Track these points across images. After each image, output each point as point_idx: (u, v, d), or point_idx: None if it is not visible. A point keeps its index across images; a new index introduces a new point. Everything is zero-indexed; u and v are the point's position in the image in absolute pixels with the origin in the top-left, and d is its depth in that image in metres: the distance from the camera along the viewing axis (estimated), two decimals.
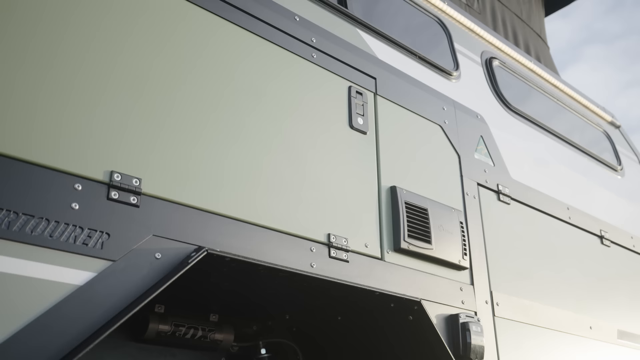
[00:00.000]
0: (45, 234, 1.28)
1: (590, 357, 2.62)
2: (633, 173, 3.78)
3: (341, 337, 2.22)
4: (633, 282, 3.15)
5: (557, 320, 2.53)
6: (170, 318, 1.98)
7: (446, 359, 1.98)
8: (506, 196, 2.58)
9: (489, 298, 2.26)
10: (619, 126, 4.00)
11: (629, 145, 3.96)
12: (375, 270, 1.92)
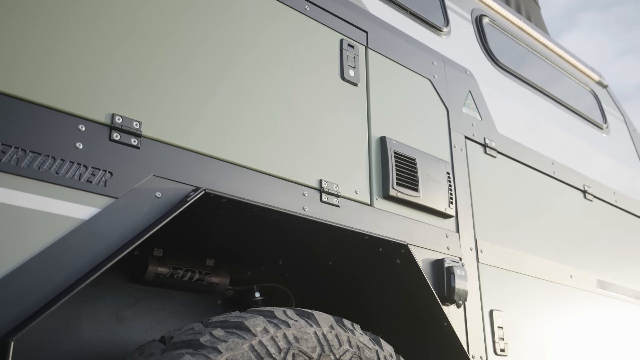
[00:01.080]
0: (52, 171, 1.35)
1: (569, 304, 2.74)
2: (618, 131, 3.87)
3: (332, 281, 2.32)
4: (613, 235, 3.26)
5: (539, 268, 2.64)
6: (168, 261, 2.07)
7: (431, 301, 2.09)
8: (492, 150, 2.66)
9: (474, 245, 2.36)
10: (606, 86, 4.07)
11: (615, 105, 4.04)
12: (364, 215, 2.00)
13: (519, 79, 3.12)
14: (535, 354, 2.45)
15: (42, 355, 1.78)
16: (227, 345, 1.47)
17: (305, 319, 1.68)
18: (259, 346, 1.51)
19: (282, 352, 1.53)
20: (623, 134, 3.93)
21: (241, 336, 1.51)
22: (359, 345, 1.72)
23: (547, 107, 3.23)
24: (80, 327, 1.90)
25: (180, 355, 1.42)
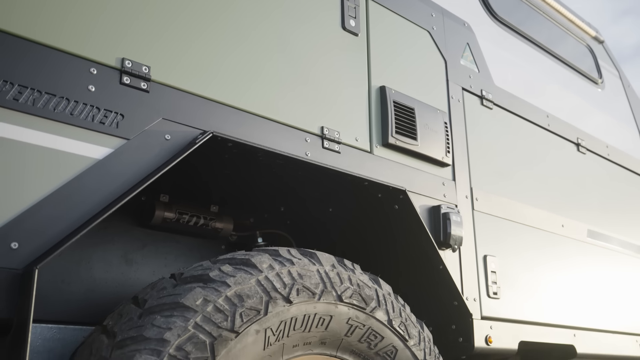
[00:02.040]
0: (67, 111, 1.41)
1: (560, 252, 2.84)
2: (612, 87, 3.92)
3: (332, 227, 2.40)
4: (605, 187, 3.35)
5: (531, 217, 2.72)
6: (174, 206, 2.14)
7: (428, 246, 2.17)
8: (489, 101, 2.72)
9: (469, 193, 2.44)
10: (602, 41, 4.10)
11: (611, 60, 4.08)
12: (364, 162, 2.07)
13: (516, 32, 3.15)
14: (526, 298, 2.55)
15: (57, 292, 1.87)
16: (235, 279, 1.55)
17: (309, 258, 1.76)
18: (265, 281, 1.59)
19: (287, 287, 1.62)
20: (618, 89, 3.98)
21: (248, 272, 1.59)
22: (359, 283, 1.80)
23: (543, 61, 3.27)
24: (91, 267, 1.98)
25: (191, 288, 1.50)
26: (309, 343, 1.67)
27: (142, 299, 1.55)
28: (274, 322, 1.56)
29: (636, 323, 3.19)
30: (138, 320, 1.46)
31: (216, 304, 1.48)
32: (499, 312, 2.39)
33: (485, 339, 2.29)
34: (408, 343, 1.86)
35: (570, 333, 2.71)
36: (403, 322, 1.87)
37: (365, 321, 1.77)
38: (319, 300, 1.67)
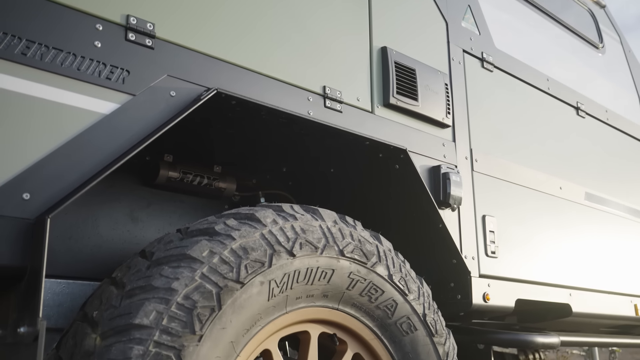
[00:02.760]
0: (74, 66, 1.43)
1: (558, 214, 2.88)
2: (613, 52, 3.92)
3: (334, 188, 2.44)
4: (603, 151, 3.38)
5: (530, 179, 2.76)
6: (178, 166, 2.17)
7: (428, 205, 2.21)
8: (490, 64, 2.73)
9: (469, 155, 2.47)
10: (604, 6, 4.08)
11: (612, 25, 4.07)
12: (365, 122, 2.10)
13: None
14: (524, 258, 2.60)
15: (65, 248, 1.91)
16: (239, 233, 1.59)
17: (311, 214, 1.80)
18: (269, 235, 1.63)
19: (291, 241, 1.66)
20: (618, 54, 3.98)
21: (252, 226, 1.63)
22: (360, 239, 1.85)
23: (544, 24, 3.27)
24: (98, 225, 2.03)
25: (197, 241, 1.54)
26: (311, 296, 1.72)
27: (149, 252, 1.59)
28: (277, 274, 1.61)
29: (631, 284, 3.25)
30: (146, 271, 1.50)
31: (222, 255, 1.52)
32: (497, 270, 2.44)
33: (483, 296, 2.35)
34: (408, 297, 1.91)
35: (566, 292, 2.77)
36: (403, 277, 1.92)
37: (366, 275, 1.82)
38: (322, 254, 1.72)
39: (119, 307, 1.43)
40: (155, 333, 1.37)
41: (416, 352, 1.91)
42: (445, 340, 1.99)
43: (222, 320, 1.47)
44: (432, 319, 1.97)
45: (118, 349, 1.35)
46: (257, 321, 1.58)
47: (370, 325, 1.85)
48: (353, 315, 1.82)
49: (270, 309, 1.61)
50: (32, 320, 1.23)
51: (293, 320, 1.71)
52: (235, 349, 1.51)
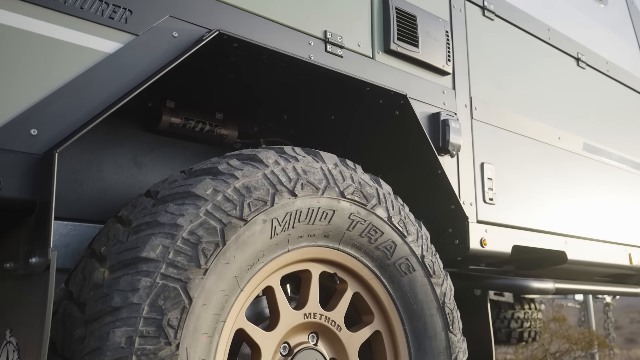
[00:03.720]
0: (77, 5, 1.44)
1: (556, 163, 2.92)
2: (615, 4, 3.89)
3: (334, 135, 2.46)
4: (602, 103, 3.39)
5: (529, 128, 2.78)
6: (180, 112, 2.19)
7: (427, 151, 2.24)
8: (491, 12, 2.72)
9: (469, 102, 2.49)
10: None
11: None
12: (366, 67, 2.11)
13: None
14: (521, 205, 2.64)
15: (71, 191, 1.95)
16: (242, 172, 1.63)
17: (312, 156, 1.83)
18: (271, 175, 1.67)
19: (292, 182, 1.70)
20: (620, 6, 3.95)
21: (255, 166, 1.67)
22: (360, 181, 1.88)
23: None
24: (103, 169, 2.06)
25: (201, 179, 1.58)
26: (312, 235, 1.76)
27: (154, 192, 1.62)
28: (280, 213, 1.65)
29: (626, 234, 3.30)
30: (152, 209, 1.54)
31: (225, 194, 1.56)
32: (494, 217, 2.49)
33: (480, 241, 2.40)
34: (406, 239, 1.96)
35: (562, 240, 2.82)
36: (402, 219, 1.96)
37: (366, 217, 1.86)
38: (323, 195, 1.75)
39: (126, 242, 1.48)
40: (162, 266, 1.42)
41: (414, 292, 1.97)
42: (442, 282, 2.04)
43: (226, 255, 1.51)
44: (430, 260, 2.02)
45: (126, 280, 1.40)
46: (260, 258, 1.62)
47: (369, 265, 1.90)
48: (353, 255, 1.87)
49: (272, 247, 1.65)
50: (43, 251, 1.28)
51: (295, 259, 1.76)
52: (239, 284, 1.56)
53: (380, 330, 1.96)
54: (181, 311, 1.41)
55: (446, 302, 2.03)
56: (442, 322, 2.01)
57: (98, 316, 1.38)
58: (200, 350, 1.44)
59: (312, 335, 1.84)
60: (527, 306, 4.22)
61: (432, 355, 1.98)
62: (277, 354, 1.73)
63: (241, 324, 1.63)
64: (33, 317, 1.29)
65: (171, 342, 1.38)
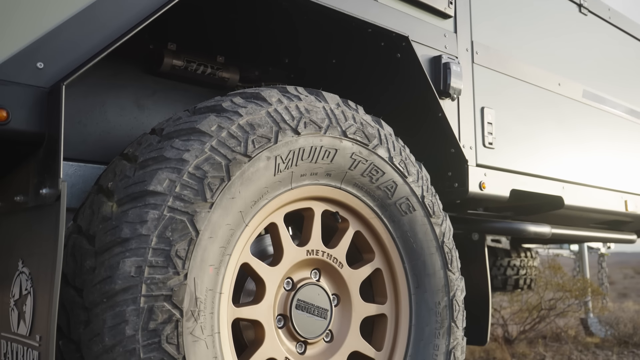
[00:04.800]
0: None
1: (555, 109, 2.93)
2: None
3: (335, 79, 2.46)
4: (603, 50, 3.38)
5: (529, 73, 2.79)
6: (182, 55, 2.19)
7: (428, 93, 2.25)
8: None
9: (470, 46, 2.49)
10: None
11: None
12: (368, 9, 2.09)
13: None
14: (520, 150, 2.67)
15: (76, 132, 1.97)
16: (246, 110, 1.64)
17: (315, 96, 1.85)
18: (274, 113, 1.68)
19: (295, 120, 1.71)
20: None
21: (258, 104, 1.68)
22: (362, 122, 1.90)
23: None
24: (106, 111, 2.07)
25: (206, 116, 1.59)
26: (315, 174, 1.79)
27: (159, 129, 1.64)
28: (283, 150, 1.67)
29: (623, 181, 3.34)
30: (157, 145, 1.56)
31: (230, 130, 1.58)
32: (494, 161, 2.52)
33: (479, 184, 2.43)
34: (407, 179, 1.99)
35: (559, 185, 2.86)
36: (403, 160, 1.99)
37: (367, 157, 1.88)
38: (325, 134, 1.78)
39: (132, 176, 1.50)
40: (169, 199, 1.45)
41: (414, 231, 2.01)
42: (442, 222, 2.08)
43: (231, 190, 1.54)
44: (430, 200, 2.06)
45: (135, 213, 1.43)
46: (264, 194, 1.65)
47: (371, 204, 1.94)
48: (355, 194, 1.90)
49: (276, 184, 1.68)
50: (54, 182, 1.30)
51: (298, 197, 1.79)
52: (244, 219, 1.60)
53: (380, 268, 2.01)
54: (188, 243, 1.45)
55: (445, 242, 2.08)
56: (441, 261, 2.06)
57: (108, 247, 1.42)
58: (207, 281, 1.49)
59: (315, 272, 1.88)
60: (523, 254, 4.30)
61: (431, 292, 2.03)
62: (280, 288, 1.78)
63: (246, 258, 1.68)
64: (45, 247, 1.33)
65: (179, 272, 1.42)
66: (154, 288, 1.39)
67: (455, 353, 2.04)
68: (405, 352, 1.98)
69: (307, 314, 1.80)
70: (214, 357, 1.49)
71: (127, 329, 1.36)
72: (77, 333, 1.41)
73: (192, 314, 1.44)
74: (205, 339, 1.47)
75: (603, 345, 5.35)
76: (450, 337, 2.04)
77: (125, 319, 1.36)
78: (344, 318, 1.91)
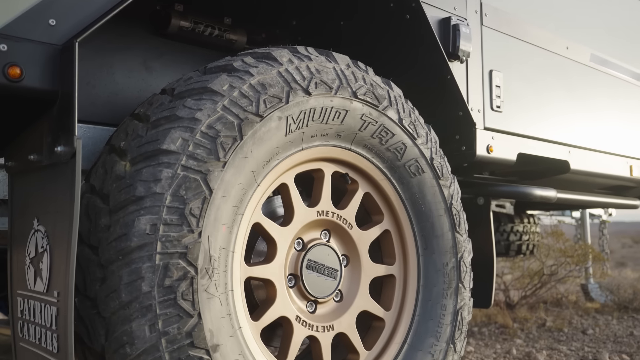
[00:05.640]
0: None
1: (563, 73, 2.92)
2: None
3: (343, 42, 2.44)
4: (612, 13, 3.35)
5: (538, 36, 2.76)
6: (189, 16, 2.17)
7: (437, 55, 2.24)
8: None
9: (479, 8, 2.46)
10: None
11: None
12: None
13: None
14: (527, 114, 2.66)
15: (84, 94, 1.96)
16: (257, 70, 1.64)
17: (325, 56, 1.84)
18: (285, 73, 1.68)
19: (306, 80, 1.71)
20: None
21: (269, 64, 1.67)
22: (372, 83, 1.89)
23: None
24: (114, 72, 2.06)
25: (217, 75, 1.59)
26: (326, 135, 1.79)
27: (170, 89, 1.64)
28: (294, 111, 1.67)
29: (629, 146, 3.34)
30: (169, 104, 1.56)
31: (241, 90, 1.58)
32: (501, 124, 2.51)
33: (487, 148, 2.43)
34: (416, 141, 1.99)
35: (565, 150, 2.86)
36: (412, 122, 1.99)
37: (377, 118, 1.88)
38: (336, 94, 1.77)
39: (145, 135, 1.50)
40: (182, 158, 1.45)
41: (423, 193, 2.02)
42: (450, 184, 2.09)
43: (243, 150, 1.55)
44: (439, 163, 2.06)
45: (148, 172, 1.44)
46: (276, 155, 1.66)
47: (380, 166, 1.95)
48: (364, 156, 1.91)
49: (287, 144, 1.68)
50: (69, 139, 1.31)
51: (308, 158, 1.79)
52: (256, 178, 1.61)
53: (389, 230, 2.03)
54: (202, 201, 1.46)
55: (453, 204, 2.09)
56: (449, 223, 2.07)
57: (122, 205, 1.43)
58: (220, 239, 1.50)
59: (325, 233, 1.90)
60: (526, 220, 4.32)
61: (438, 253, 2.05)
62: (291, 248, 1.80)
63: (258, 218, 1.69)
64: (61, 204, 1.34)
65: (194, 230, 1.44)
66: (169, 246, 1.40)
67: (462, 313, 2.07)
68: (413, 312, 2.01)
69: (317, 273, 1.82)
70: (227, 314, 1.51)
71: (143, 285, 1.38)
72: (94, 290, 1.43)
73: (207, 271, 1.46)
74: (219, 296, 1.49)
75: (603, 311, 5.41)
76: (458, 297, 2.06)
77: (141, 275, 1.38)
78: (354, 278, 1.94)
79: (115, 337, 1.39)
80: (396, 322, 2.00)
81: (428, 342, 1.98)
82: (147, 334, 1.38)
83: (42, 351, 1.41)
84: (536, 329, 4.50)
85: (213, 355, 1.45)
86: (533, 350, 3.60)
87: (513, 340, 4.05)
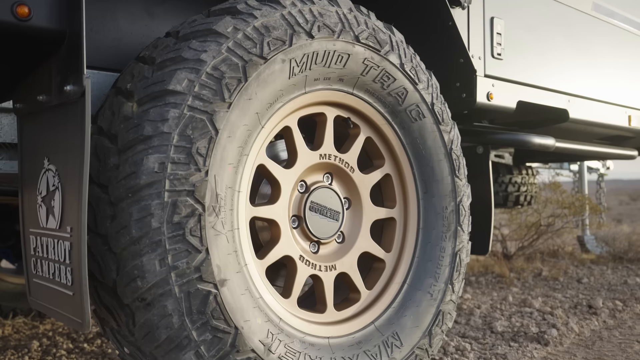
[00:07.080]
0: None
1: (565, 22, 2.91)
2: None
3: None
4: None
5: None
6: None
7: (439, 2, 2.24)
8: None
9: None
10: None
11: None
12: None
13: None
14: (528, 62, 2.68)
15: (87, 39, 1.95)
16: (261, 12, 1.65)
17: (328, 0, 1.84)
18: (289, 16, 1.69)
19: (309, 23, 1.72)
20: None
21: (273, 7, 1.69)
22: (374, 27, 1.90)
23: None
24: (117, 18, 2.06)
25: (222, 18, 1.60)
26: (328, 78, 1.81)
27: (174, 32, 1.66)
28: (297, 53, 1.69)
29: (628, 97, 3.36)
30: (174, 46, 1.58)
31: (245, 32, 1.59)
32: (501, 72, 2.53)
33: (487, 95, 2.46)
34: (417, 86, 2.01)
35: (565, 98, 2.89)
36: (414, 67, 2.00)
37: (379, 63, 1.90)
38: (338, 38, 1.79)
39: (151, 77, 1.53)
40: (188, 98, 1.48)
41: (423, 137, 2.05)
42: (450, 129, 2.12)
43: (248, 91, 1.57)
44: (440, 108, 2.09)
45: (155, 112, 1.47)
46: (279, 97, 1.68)
47: (382, 111, 1.97)
48: (366, 100, 1.93)
49: (290, 87, 1.71)
50: (78, 78, 1.33)
51: (311, 101, 1.82)
52: (261, 120, 1.64)
53: (390, 174, 2.07)
54: (208, 141, 1.49)
55: (453, 149, 2.12)
56: (449, 167, 2.11)
57: (131, 145, 1.46)
58: (226, 179, 1.54)
59: (327, 176, 1.94)
60: (524, 171, 4.36)
61: (438, 197, 2.10)
62: (295, 190, 1.84)
63: (262, 160, 1.73)
64: (71, 142, 1.37)
65: (200, 169, 1.48)
66: (177, 183, 1.45)
67: (460, 255, 2.13)
68: (413, 254, 2.07)
69: (320, 215, 1.87)
70: (234, 251, 1.56)
71: (153, 221, 1.42)
72: (104, 227, 1.48)
73: (214, 209, 1.50)
74: (226, 234, 1.54)
75: (598, 261, 5.52)
76: (456, 240, 2.12)
77: (150, 212, 1.42)
78: (355, 220, 1.99)
79: (127, 271, 1.45)
80: (396, 263, 2.06)
81: (427, 283, 2.05)
82: (157, 268, 1.43)
83: (56, 285, 1.47)
84: (532, 278, 4.60)
85: (221, 290, 1.51)
86: (529, 297, 3.70)
87: (509, 289, 4.14)
